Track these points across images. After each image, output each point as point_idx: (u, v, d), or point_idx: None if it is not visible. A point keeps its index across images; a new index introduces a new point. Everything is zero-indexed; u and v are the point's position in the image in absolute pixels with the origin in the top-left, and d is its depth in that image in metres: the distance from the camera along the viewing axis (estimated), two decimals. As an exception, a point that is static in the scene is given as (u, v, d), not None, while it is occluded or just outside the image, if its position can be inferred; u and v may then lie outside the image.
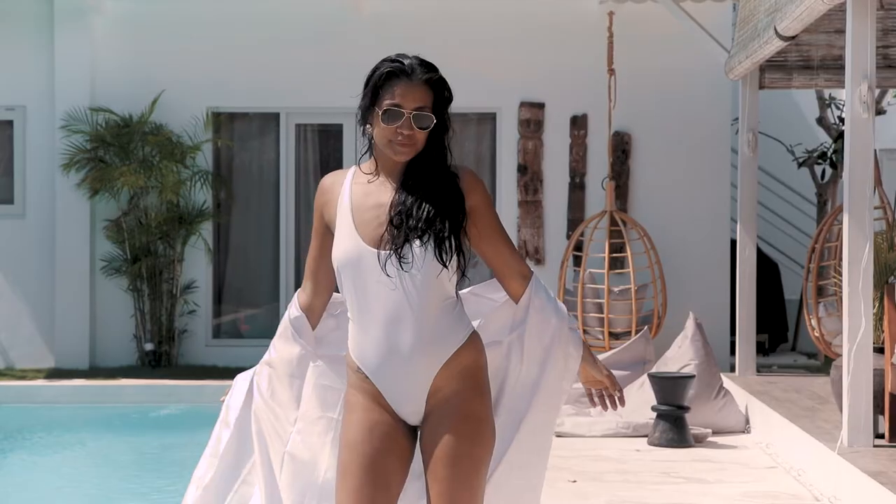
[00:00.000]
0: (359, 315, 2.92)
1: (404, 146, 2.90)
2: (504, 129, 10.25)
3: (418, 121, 2.90)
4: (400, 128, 2.89)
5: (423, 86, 2.91)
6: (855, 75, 5.67)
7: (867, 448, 5.55)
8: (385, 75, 2.92)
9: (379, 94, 2.91)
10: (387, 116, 2.89)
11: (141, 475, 7.21)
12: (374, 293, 2.89)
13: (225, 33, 10.28)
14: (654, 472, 6.16)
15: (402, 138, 2.89)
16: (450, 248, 2.89)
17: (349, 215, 2.93)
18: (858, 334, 5.59)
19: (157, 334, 10.02)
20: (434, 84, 2.93)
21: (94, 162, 10.03)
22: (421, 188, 2.91)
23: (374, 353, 2.91)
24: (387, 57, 2.96)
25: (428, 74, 2.92)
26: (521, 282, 3.03)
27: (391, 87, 2.90)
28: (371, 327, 2.90)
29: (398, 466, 2.93)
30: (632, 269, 9.23)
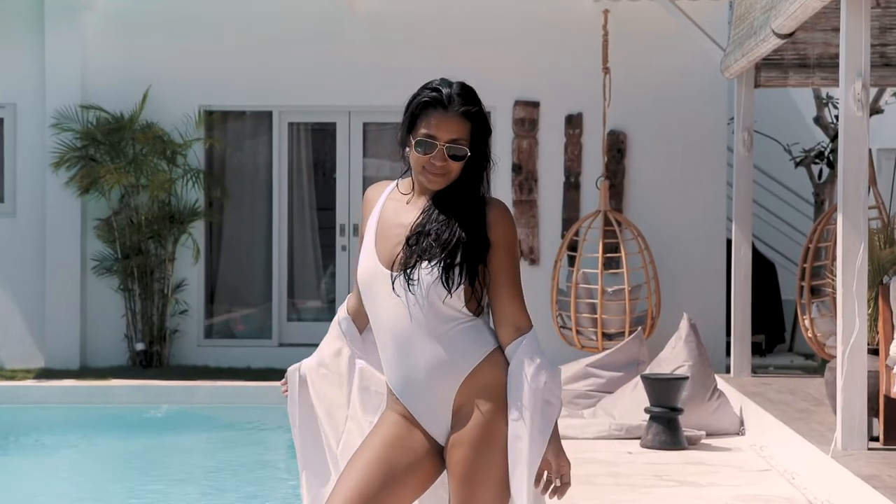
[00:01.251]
0: (377, 335, 2.98)
1: (436, 175, 2.89)
2: (499, 128, 10.17)
3: (452, 152, 2.88)
4: (433, 158, 2.88)
5: (460, 117, 2.88)
6: (849, 73, 5.61)
7: (861, 451, 5.49)
8: (422, 104, 2.90)
9: (416, 123, 2.89)
10: (420, 146, 2.88)
11: (131, 476, 7.15)
12: (384, 313, 2.92)
13: (217, 31, 10.21)
14: (647, 476, 6.09)
15: (434, 168, 2.89)
16: (459, 274, 2.86)
17: (373, 233, 2.97)
18: (852, 335, 5.52)
19: (148, 334, 9.94)
20: (472, 116, 2.90)
21: (84, 160, 9.96)
22: (445, 212, 2.91)
23: (395, 372, 2.95)
24: (428, 83, 2.93)
25: (465, 107, 2.88)
26: (512, 333, 2.93)
27: (427, 116, 2.88)
28: (387, 347, 2.94)
29: (412, 484, 2.91)
30: (625, 270, 9.16)
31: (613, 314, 9.14)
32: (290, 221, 10.45)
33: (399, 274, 2.88)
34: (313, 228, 10.56)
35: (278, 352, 10.19)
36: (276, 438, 8.46)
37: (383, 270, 2.92)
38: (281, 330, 10.34)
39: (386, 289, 2.90)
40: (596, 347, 9.00)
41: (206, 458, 7.96)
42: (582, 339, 9.21)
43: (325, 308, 10.49)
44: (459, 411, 2.88)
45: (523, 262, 10.06)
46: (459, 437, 2.87)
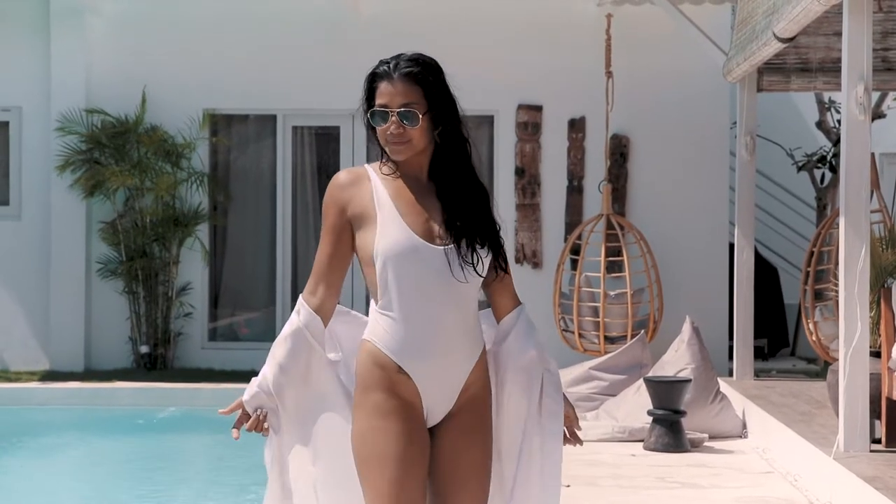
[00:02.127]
0: (404, 310, 2.87)
1: (396, 144, 2.90)
2: (502, 132, 10.21)
3: (404, 118, 2.88)
4: (388, 127, 2.89)
5: (406, 81, 2.89)
6: (851, 77, 5.63)
7: (863, 453, 5.50)
8: (370, 78, 2.94)
9: (371, 98, 2.93)
10: (375, 118, 2.91)
11: (135, 478, 7.17)
12: (427, 289, 2.87)
13: (221, 35, 10.25)
14: (649, 477, 6.11)
15: (392, 138, 2.89)
16: (504, 257, 2.97)
17: (393, 208, 2.89)
18: (854, 338, 5.54)
19: (152, 337, 9.97)
20: (418, 78, 2.89)
21: (89, 163, 10.00)
22: (458, 191, 2.93)
23: (420, 350, 2.86)
24: (382, 59, 2.97)
25: (408, 69, 2.90)
26: (514, 301, 3.04)
27: (377, 88, 2.92)
28: (419, 324, 2.86)
29: (425, 473, 2.92)
30: (628, 273, 9.18)
31: (616, 318, 9.17)
32: (293, 225, 10.49)
33: (449, 248, 2.87)
34: (317, 233, 10.58)
35: (282, 354, 10.20)
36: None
37: (428, 245, 2.87)
38: (285, 333, 10.34)
39: (432, 265, 2.86)
40: (598, 351, 9.03)
41: (210, 460, 7.98)
42: (584, 342, 9.24)
43: (328, 311, 10.50)
44: (466, 391, 2.91)
45: (526, 266, 10.09)
46: (465, 422, 2.91)
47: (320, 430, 2.96)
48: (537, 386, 2.98)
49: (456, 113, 2.95)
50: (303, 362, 2.96)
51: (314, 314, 2.95)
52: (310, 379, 2.97)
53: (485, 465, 2.93)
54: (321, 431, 2.96)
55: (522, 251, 10.11)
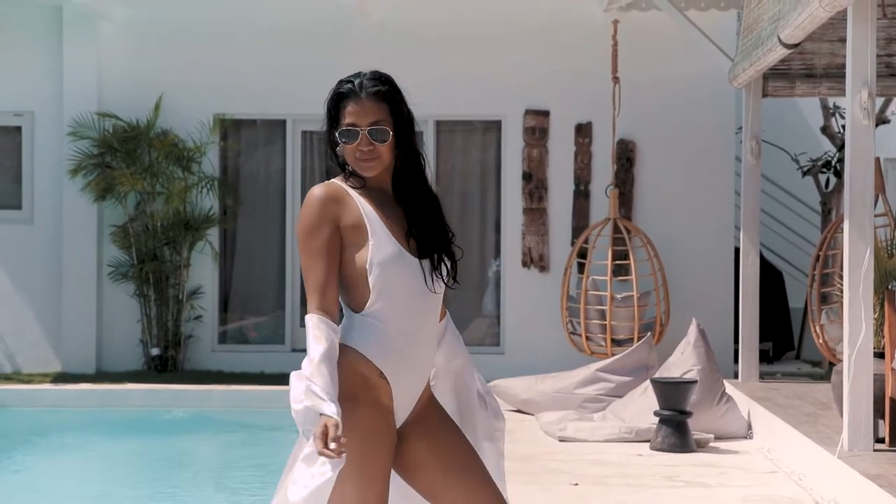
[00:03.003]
0: (394, 319, 2.96)
1: (368, 161, 2.99)
2: (509, 137, 10.30)
3: (374, 135, 2.98)
4: (359, 145, 2.98)
5: (374, 99, 3.00)
6: (855, 82, 5.71)
7: (867, 452, 5.58)
8: (337, 97, 3.02)
9: (337, 118, 3.01)
10: (345, 136, 2.98)
11: (145, 478, 7.25)
12: (411, 299, 2.99)
13: (232, 40, 10.35)
14: (656, 477, 6.19)
15: (363, 155, 2.98)
16: (455, 268, 3.12)
17: (379, 222, 2.99)
18: (859, 339, 5.62)
19: (163, 339, 10.07)
20: (386, 96, 3.01)
21: (101, 167, 10.10)
22: (418, 203, 3.04)
23: (402, 357, 2.99)
24: (343, 77, 3.06)
25: (375, 88, 3.00)
26: (443, 311, 3.19)
27: (344, 107, 3.00)
28: (403, 332, 2.98)
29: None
30: (634, 277, 9.26)
31: (622, 320, 9.25)
32: (302, 229, 10.54)
33: (424, 261, 3.01)
34: (326, 236, 10.65)
35: (291, 357, 10.30)
36: (289, 441, 8.56)
37: (414, 259, 3.01)
38: (294, 335, 10.45)
39: (417, 277, 3.00)
40: (605, 353, 9.11)
41: (220, 460, 8.06)
42: (592, 345, 9.32)
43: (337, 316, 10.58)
44: (422, 396, 3.07)
45: (533, 269, 10.17)
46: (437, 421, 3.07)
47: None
48: (470, 388, 3.20)
49: (414, 127, 3.07)
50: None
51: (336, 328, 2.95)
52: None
53: (473, 449, 3.10)
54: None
55: (529, 255, 10.20)
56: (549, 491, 5.80)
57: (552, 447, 7.05)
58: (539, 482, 6.01)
